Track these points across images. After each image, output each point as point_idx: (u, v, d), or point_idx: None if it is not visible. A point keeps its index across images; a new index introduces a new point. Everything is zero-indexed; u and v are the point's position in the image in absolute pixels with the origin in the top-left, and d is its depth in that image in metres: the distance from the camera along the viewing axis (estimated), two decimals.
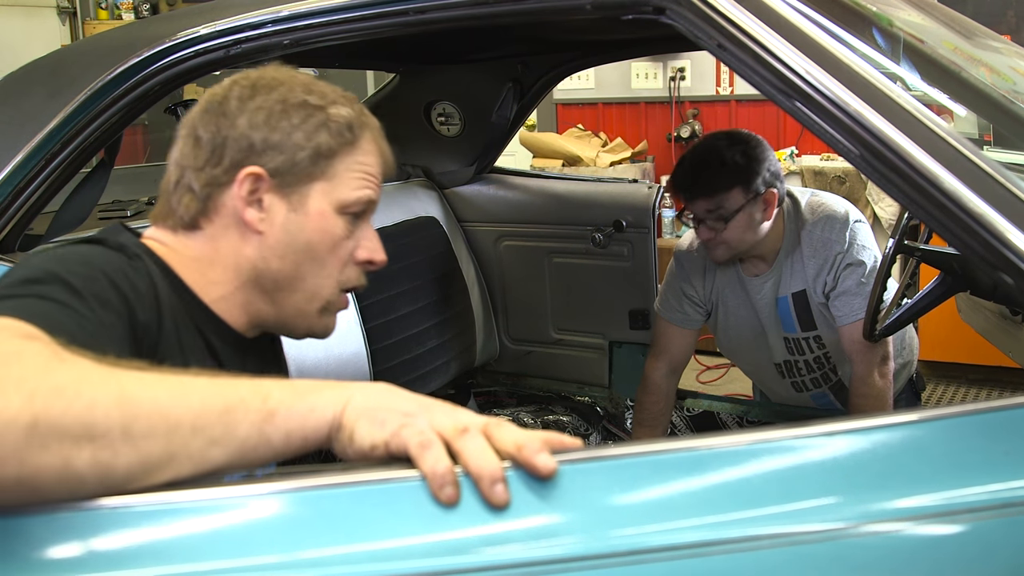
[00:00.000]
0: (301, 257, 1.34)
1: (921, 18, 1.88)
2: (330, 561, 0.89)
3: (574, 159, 6.21)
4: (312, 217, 1.34)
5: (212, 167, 1.32)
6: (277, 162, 1.31)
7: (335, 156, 1.34)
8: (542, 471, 0.91)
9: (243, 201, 1.32)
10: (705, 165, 2.49)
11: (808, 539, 0.93)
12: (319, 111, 1.34)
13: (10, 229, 2.01)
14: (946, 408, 1.03)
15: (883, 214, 5.44)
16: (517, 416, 3.17)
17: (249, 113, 1.32)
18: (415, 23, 1.75)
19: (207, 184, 1.33)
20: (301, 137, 1.32)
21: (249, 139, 1.31)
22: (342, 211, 1.36)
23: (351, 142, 1.36)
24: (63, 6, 7.62)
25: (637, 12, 1.53)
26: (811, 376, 2.74)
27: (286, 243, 1.33)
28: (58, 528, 0.89)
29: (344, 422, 0.93)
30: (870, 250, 2.53)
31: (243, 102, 1.33)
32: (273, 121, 1.32)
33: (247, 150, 1.31)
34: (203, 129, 1.34)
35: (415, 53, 3.05)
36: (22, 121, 2.04)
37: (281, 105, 1.33)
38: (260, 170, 1.31)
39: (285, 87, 1.35)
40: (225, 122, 1.33)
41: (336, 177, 1.35)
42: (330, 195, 1.35)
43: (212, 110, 1.35)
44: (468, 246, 3.29)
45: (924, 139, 1.22)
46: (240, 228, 1.33)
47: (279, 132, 1.32)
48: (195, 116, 1.36)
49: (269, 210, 1.32)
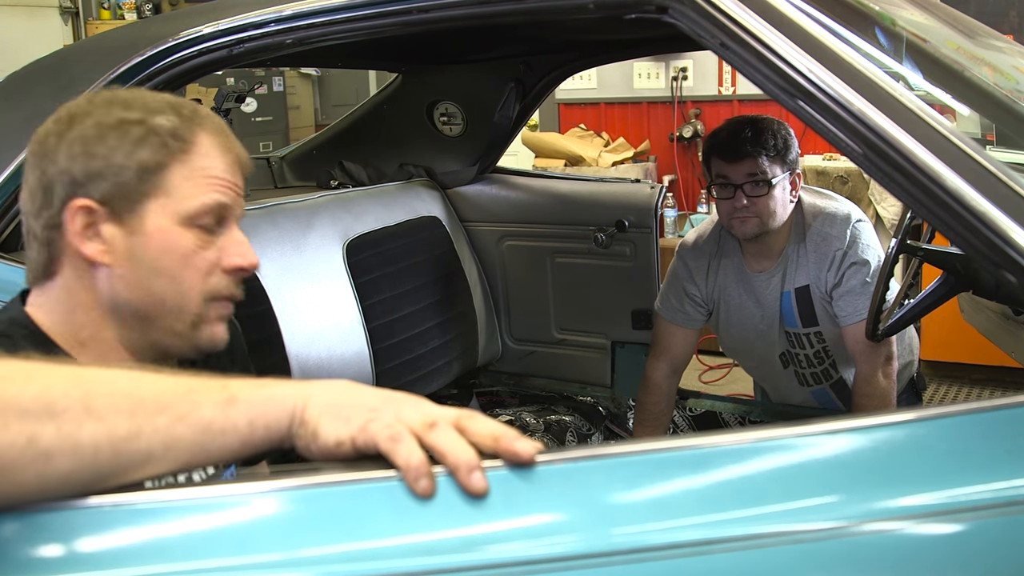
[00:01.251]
0: (152, 280, 1.27)
1: (924, 17, 1.88)
2: (331, 559, 0.89)
3: (576, 159, 6.21)
4: (153, 236, 1.26)
5: (46, 210, 1.26)
6: (103, 189, 1.24)
7: (166, 168, 1.26)
8: (524, 457, 0.91)
9: (80, 237, 1.25)
10: (755, 130, 2.49)
11: (810, 537, 0.93)
12: (138, 125, 1.26)
13: (14, 228, 2.01)
14: (948, 407, 1.03)
15: (885, 214, 5.43)
16: (519, 416, 3.17)
17: (67, 145, 1.25)
18: (418, 22, 1.75)
19: (46, 228, 1.27)
20: (121, 157, 1.24)
21: (71, 172, 1.24)
22: (189, 223, 1.28)
23: (183, 149, 1.27)
24: (65, 6, 7.64)
25: (640, 11, 1.53)
26: (811, 371, 2.75)
27: (133, 269, 1.27)
28: (61, 525, 0.89)
29: (306, 418, 0.92)
30: (874, 249, 2.54)
31: (60, 137, 1.26)
32: (91, 148, 1.24)
33: (71, 184, 1.24)
34: (31, 173, 1.28)
35: (417, 53, 3.06)
36: (25, 121, 2.04)
37: (96, 129, 1.25)
38: (88, 201, 1.24)
39: (101, 110, 1.27)
40: (47, 161, 1.26)
41: (173, 190, 1.26)
42: (168, 209, 1.26)
43: (36, 152, 1.28)
44: (471, 246, 3.29)
45: (927, 138, 1.22)
46: (86, 265, 1.27)
47: (98, 158, 1.24)
48: (25, 161, 1.30)
49: (110, 240, 1.26)
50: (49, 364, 0.92)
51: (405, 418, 0.92)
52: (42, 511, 0.89)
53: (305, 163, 3.38)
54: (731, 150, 2.49)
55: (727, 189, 2.50)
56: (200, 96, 3.03)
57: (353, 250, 2.79)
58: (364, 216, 2.91)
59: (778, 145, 2.48)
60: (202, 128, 1.30)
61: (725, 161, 2.50)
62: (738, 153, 2.47)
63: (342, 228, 2.81)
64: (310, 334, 2.56)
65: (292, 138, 7.70)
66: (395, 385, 2.85)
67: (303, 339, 2.53)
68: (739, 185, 2.47)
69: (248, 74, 7.16)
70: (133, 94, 1.31)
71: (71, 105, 1.30)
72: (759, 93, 1.45)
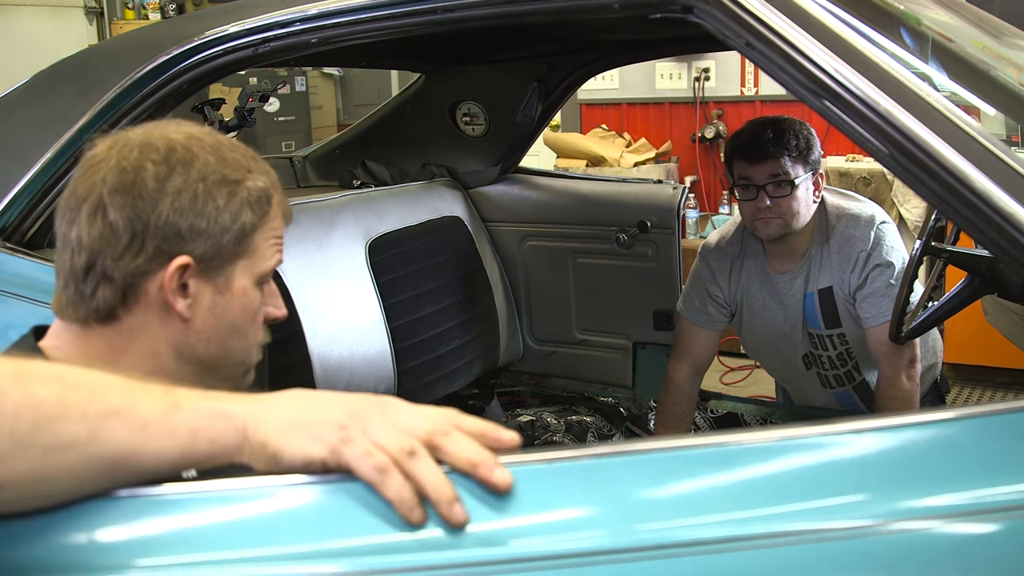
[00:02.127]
0: (228, 337, 1.28)
1: (949, 17, 1.87)
2: (356, 551, 0.89)
3: (598, 159, 6.21)
4: (236, 296, 1.27)
5: (133, 256, 1.21)
6: (204, 248, 1.23)
7: (255, 231, 1.27)
8: (500, 488, 0.89)
9: (171, 292, 1.22)
10: (777, 131, 2.49)
11: (836, 536, 0.93)
12: (239, 187, 1.25)
13: (40, 226, 2.03)
14: (976, 407, 1.02)
15: (909, 216, 5.41)
16: (540, 416, 3.17)
17: (172, 196, 1.21)
18: (442, 22, 1.75)
19: (129, 275, 1.21)
20: (227, 219, 1.24)
21: (176, 226, 1.21)
22: (259, 282, 1.30)
23: (266, 213, 1.29)
24: (90, 6, 7.69)
25: (665, 11, 1.52)
26: (834, 372, 2.74)
27: (213, 326, 1.26)
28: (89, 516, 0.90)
29: (262, 438, 0.90)
30: (898, 251, 2.53)
31: (161, 182, 1.21)
32: (199, 205, 1.22)
33: (174, 238, 1.21)
34: (116, 212, 1.20)
35: (440, 53, 3.06)
36: (51, 119, 2.05)
37: (203, 185, 1.23)
38: (189, 259, 1.22)
39: (200, 161, 1.24)
40: (144, 205, 1.20)
41: (256, 251, 1.28)
42: (251, 270, 1.28)
43: (125, 189, 1.21)
44: (492, 246, 3.29)
45: (955, 138, 1.21)
46: (162, 315, 1.24)
47: (205, 218, 1.22)
48: (103, 195, 1.21)
49: (195, 296, 1.24)
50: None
51: (381, 441, 0.89)
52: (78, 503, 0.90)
53: (328, 163, 3.39)
54: (753, 151, 2.48)
55: (750, 190, 2.49)
56: (224, 95, 3.05)
57: (375, 249, 2.80)
58: (386, 216, 2.92)
59: (800, 145, 2.47)
60: (275, 189, 1.31)
61: (747, 162, 2.49)
62: (760, 154, 2.47)
63: (364, 227, 2.81)
64: (332, 333, 2.57)
65: (314, 138, 7.72)
66: (416, 384, 2.86)
67: (325, 338, 2.53)
68: (762, 186, 2.47)
69: (271, 74, 7.19)
70: (212, 137, 1.29)
71: (160, 145, 1.24)
72: (782, 93, 1.45)
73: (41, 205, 2.01)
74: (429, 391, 2.92)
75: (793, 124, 2.51)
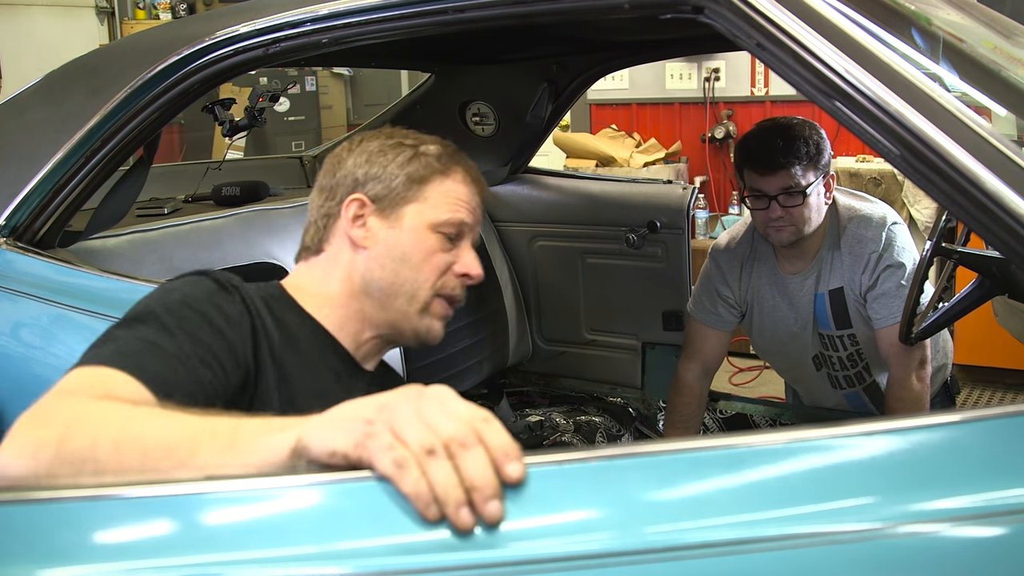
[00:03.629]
0: (399, 265, 1.57)
1: (960, 17, 1.87)
2: (366, 553, 0.89)
3: (608, 159, 6.21)
4: (407, 232, 1.58)
5: (328, 201, 1.62)
6: (376, 189, 1.58)
7: (426, 182, 1.59)
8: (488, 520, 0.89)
9: (350, 222, 1.58)
10: (787, 139, 2.46)
11: (846, 539, 0.92)
12: (411, 148, 1.61)
13: (50, 225, 2.03)
14: (986, 409, 1.02)
15: (919, 216, 5.40)
16: (549, 416, 3.17)
17: (355, 156, 1.62)
18: (453, 22, 1.75)
19: (324, 215, 1.62)
20: (395, 167, 1.59)
21: (354, 175, 1.60)
22: (435, 229, 1.58)
23: (441, 171, 1.60)
24: (101, 6, 7.70)
25: (675, 11, 1.52)
26: (844, 373, 2.73)
27: (386, 254, 1.57)
28: (101, 515, 0.91)
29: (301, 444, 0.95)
30: (910, 252, 2.52)
31: (351, 151, 1.63)
32: (373, 159, 1.60)
33: (352, 184, 1.60)
34: (323, 176, 1.65)
35: (451, 53, 3.06)
36: (62, 119, 2.06)
37: (379, 146, 1.61)
38: (362, 196, 1.58)
39: (385, 135, 1.64)
40: (338, 166, 1.63)
41: (428, 200, 1.58)
42: (422, 215, 1.58)
43: (331, 161, 1.66)
44: (502, 246, 3.29)
45: (966, 139, 1.21)
46: (350, 245, 1.59)
47: (377, 166, 1.59)
48: (319, 174, 1.67)
49: (372, 229, 1.58)
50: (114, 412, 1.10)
51: (404, 435, 0.90)
52: (82, 500, 0.90)
53: None
54: (764, 163, 2.46)
55: (761, 200, 2.48)
56: (234, 95, 3.05)
57: None
58: None
59: (811, 151, 2.45)
60: (459, 163, 1.65)
61: (758, 174, 2.47)
62: (771, 165, 2.44)
63: None
64: None
65: (324, 137, 7.73)
66: (426, 384, 2.85)
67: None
68: (774, 197, 2.45)
69: (281, 74, 7.20)
70: (412, 132, 1.67)
71: (362, 134, 1.67)
72: (792, 94, 1.45)
73: (52, 205, 2.02)
74: None
75: (803, 129, 2.49)
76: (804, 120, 2.54)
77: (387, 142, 1.62)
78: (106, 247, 2.20)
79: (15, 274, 1.95)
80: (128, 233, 2.26)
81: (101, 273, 1.95)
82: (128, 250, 2.23)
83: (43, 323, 1.91)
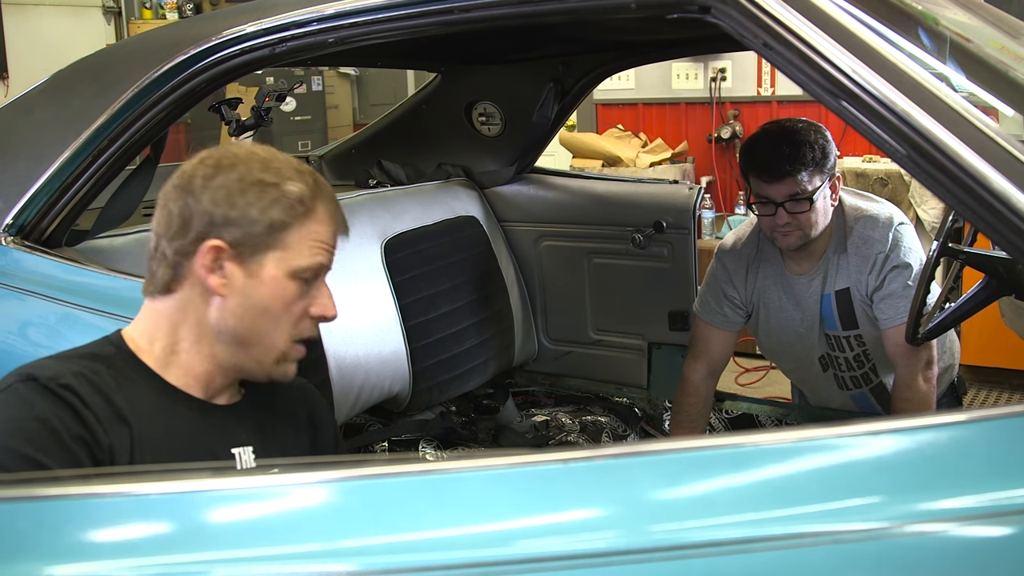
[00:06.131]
0: (256, 316, 1.49)
1: (967, 17, 1.87)
2: (371, 550, 0.89)
3: (614, 159, 6.20)
4: (266, 282, 1.48)
5: (181, 238, 1.47)
6: (235, 235, 1.45)
7: (288, 228, 1.47)
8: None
9: (206, 269, 1.46)
10: (793, 145, 2.44)
11: (851, 538, 0.92)
12: (273, 188, 1.47)
13: (58, 224, 2.04)
14: (992, 409, 1.02)
15: (926, 217, 5.39)
16: (555, 416, 3.17)
17: (212, 191, 1.46)
18: (459, 22, 1.75)
19: (176, 253, 1.48)
20: (256, 212, 1.45)
21: (211, 215, 1.45)
22: (295, 276, 1.49)
23: (303, 214, 1.48)
24: (108, 6, 7.72)
25: (682, 11, 1.52)
26: (851, 374, 2.73)
27: (244, 305, 1.48)
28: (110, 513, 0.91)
29: None
30: (916, 252, 2.51)
31: (207, 180, 1.46)
32: (232, 199, 1.45)
33: (209, 224, 1.45)
34: (173, 203, 1.48)
35: (457, 52, 3.06)
36: (70, 118, 2.06)
37: (239, 184, 1.46)
38: (221, 243, 1.45)
39: (243, 166, 1.48)
40: (191, 198, 1.46)
41: (290, 247, 1.48)
42: (283, 263, 1.48)
43: (181, 186, 1.48)
44: (508, 246, 3.29)
45: (972, 139, 1.21)
46: (204, 292, 1.48)
47: (237, 209, 1.45)
48: (168, 190, 1.50)
49: (229, 276, 1.47)
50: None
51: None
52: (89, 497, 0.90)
53: (344, 162, 3.39)
54: (769, 170, 2.45)
55: (768, 207, 2.47)
56: (240, 95, 3.05)
57: (391, 249, 2.80)
58: (402, 215, 2.92)
59: (816, 156, 2.44)
60: (321, 199, 1.51)
61: (764, 181, 2.46)
62: (777, 173, 2.44)
63: (380, 227, 2.82)
64: (348, 332, 2.57)
65: (330, 137, 7.73)
66: (431, 384, 2.87)
67: (341, 337, 2.54)
68: (780, 203, 2.45)
69: (287, 73, 7.20)
70: (270, 154, 1.52)
71: (216, 153, 1.50)
72: (799, 94, 1.45)
73: (59, 204, 2.02)
74: (444, 390, 2.93)
75: (808, 134, 2.47)
76: (808, 123, 2.53)
77: (247, 178, 1.47)
78: (113, 246, 2.20)
79: (22, 273, 1.96)
80: (135, 232, 2.27)
81: (108, 272, 1.95)
82: (135, 249, 2.23)
83: (50, 322, 1.91)
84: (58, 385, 1.38)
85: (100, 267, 1.98)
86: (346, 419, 2.66)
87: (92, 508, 0.92)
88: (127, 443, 1.40)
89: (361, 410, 2.69)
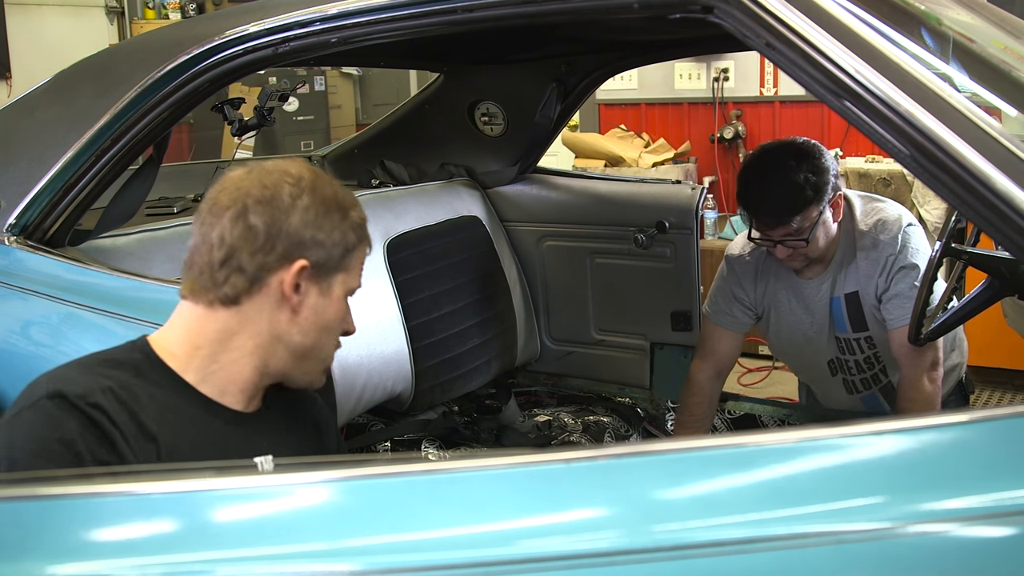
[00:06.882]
0: (321, 333, 1.56)
1: (970, 17, 1.86)
2: (374, 550, 0.90)
3: (616, 160, 6.20)
4: (333, 302, 1.56)
5: (265, 254, 1.48)
6: (319, 256, 1.51)
7: (353, 252, 1.56)
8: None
9: (289, 286, 1.50)
10: (783, 192, 2.42)
11: (854, 538, 0.92)
12: (349, 212, 1.55)
13: (60, 224, 2.04)
14: (995, 410, 1.02)
15: (929, 217, 5.38)
16: (557, 416, 3.17)
17: (300, 211, 1.50)
18: (462, 22, 1.76)
19: (259, 268, 1.49)
20: (338, 235, 1.53)
21: (300, 236, 1.49)
22: (348, 295, 1.59)
23: (363, 240, 1.58)
24: (111, 6, 7.73)
25: (685, 11, 1.52)
26: (861, 376, 2.72)
27: (312, 321, 1.54)
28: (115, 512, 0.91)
29: None
30: (924, 253, 2.50)
31: (295, 199, 1.50)
32: (319, 221, 1.51)
33: (298, 244, 1.49)
34: (256, 217, 1.48)
35: (459, 53, 3.06)
36: (72, 118, 2.07)
37: (324, 207, 1.52)
38: (307, 263, 1.50)
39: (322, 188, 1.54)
40: (279, 215, 1.49)
41: (351, 269, 1.57)
42: (345, 284, 1.57)
43: (266, 200, 1.49)
44: (510, 246, 3.29)
45: (976, 139, 1.21)
46: (275, 305, 1.51)
47: (323, 231, 1.51)
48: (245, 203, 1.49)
49: (305, 294, 1.52)
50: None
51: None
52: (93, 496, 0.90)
53: (346, 162, 3.39)
54: (761, 219, 2.47)
55: (767, 241, 2.49)
56: (244, 95, 3.05)
57: (394, 249, 2.80)
58: (405, 215, 2.92)
59: (809, 195, 2.41)
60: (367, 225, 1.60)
61: (759, 223, 2.48)
62: (771, 223, 2.45)
63: (383, 227, 2.82)
64: None
65: (333, 137, 7.73)
66: (434, 384, 2.86)
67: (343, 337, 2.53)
68: (779, 241, 2.46)
69: (290, 73, 7.20)
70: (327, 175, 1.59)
71: (292, 171, 1.53)
72: (802, 94, 1.45)
73: (62, 203, 2.03)
74: (447, 390, 2.93)
75: (799, 170, 2.41)
76: (800, 151, 2.47)
77: (328, 201, 1.53)
78: (116, 246, 2.20)
79: (25, 272, 1.96)
80: (138, 232, 2.27)
81: (111, 272, 1.95)
82: (137, 249, 2.23)
83: (53, 321, 1.91)
84: (87, 404, 1.37)
85: (103, 267, 1.98)
86: (349, 419, 2.66)
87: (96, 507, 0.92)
88: (153, 460, 1.39)
89: (364, 410, 2.69)
